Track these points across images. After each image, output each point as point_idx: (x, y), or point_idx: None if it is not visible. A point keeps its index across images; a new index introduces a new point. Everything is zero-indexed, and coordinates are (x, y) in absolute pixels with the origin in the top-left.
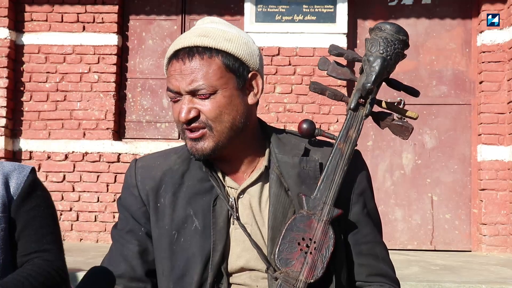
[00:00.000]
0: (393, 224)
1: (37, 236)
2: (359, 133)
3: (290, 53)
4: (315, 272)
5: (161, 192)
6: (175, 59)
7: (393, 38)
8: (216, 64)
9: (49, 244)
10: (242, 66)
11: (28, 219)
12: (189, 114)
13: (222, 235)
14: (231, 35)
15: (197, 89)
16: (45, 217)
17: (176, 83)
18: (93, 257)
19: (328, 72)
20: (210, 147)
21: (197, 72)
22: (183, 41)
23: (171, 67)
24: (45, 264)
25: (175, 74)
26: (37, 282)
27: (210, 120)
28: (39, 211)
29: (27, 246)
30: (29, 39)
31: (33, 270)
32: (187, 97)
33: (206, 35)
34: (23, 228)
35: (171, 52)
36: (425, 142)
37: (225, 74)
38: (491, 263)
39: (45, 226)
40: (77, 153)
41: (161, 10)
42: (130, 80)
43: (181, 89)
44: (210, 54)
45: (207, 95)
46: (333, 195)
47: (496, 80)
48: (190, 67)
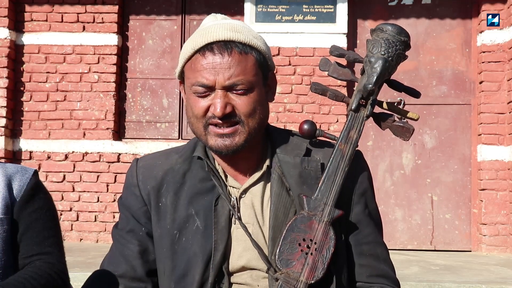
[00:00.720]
0: (393, 224)
1: (38, 238)
2: (360, 134)
3: (290, 53)
4: (315, 273)
5: (162, 192)
6: (209, 51)
7: (395, 39)
8: (251, 60)
9: (50, 246)
10: (267, 65)
11: (30, 222)
12: (225, 109)
13: (224, 235)
14: (255, 33)
15: (236, 84)
16: (47, 220)
17: (212, 77)
18: (93, 257)
19: (329, 73)
20: (241, 142)
21: (235, 67)
22: (216, 35)
23: (204, 59)
24: (46, 267)
25: (209, 68)
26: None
27: (244, 116)
28: (41, 214)
29: (28, 248)
30: (29, 39)
31: (34, 272)
32: (221, 92)
33: (238, 30)
34: (25, 230)
35: (202, 44)
36: (425, 142)
37: (258, 71)
38: (491, 263)
39: (46, 229)
40: (77, 153)
41: (161, 10)
42: (130, 80)
43: (217, 83)
44: (246, 50)
45: (244, 90)
46: (334, 196)
47: (496, 80)
48: (229, 61)
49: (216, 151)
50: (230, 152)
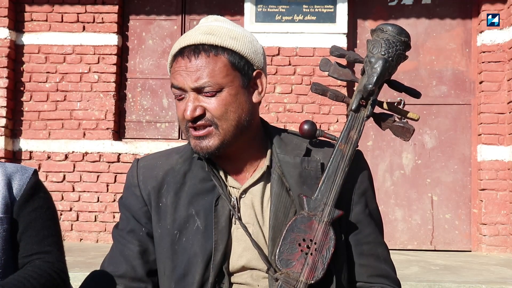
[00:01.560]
0: (393, 224)
1: (38, 237)
2: (360, 134)
3: (290, 53)
4: (315, 273)
5: (163, 192)
6: (180, 56)
7: (395, 39)
8: (222, 62)
9: (50, 246)
10: (247, 65)
11: (30, 221)
12: (195, 112)
13: (224, 235)
14: (236, 33)
15: (203, 86)
16: (46, 219)
17: (181, 79)
18: (93, 257)
19: (329, 73)
20: (216, 145)
21: (203, 70)
22: (189, 39)
23: (176, 64)
24: (46, 266)
25: (180, 71)
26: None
27: (215, 118)
28: (40, 213)
29: (28, 248)
30: (29, 39)
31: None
32: (193, 95)
33: (212, 33)
34: (24, 230)
35: (176, 50)
36: (425, 142)
37: (231, 72)
38: (491, 263)
39: (46, 228)
40: (77, 153)
41: (161, 10)
42: (130, 80)
43: (186, 86)
44: (216, 52)
45: (213, 92)
46: (334, 196)
47: (496, 80)
48: (196, 64)
49: (195, 153)
50: (206, 154)
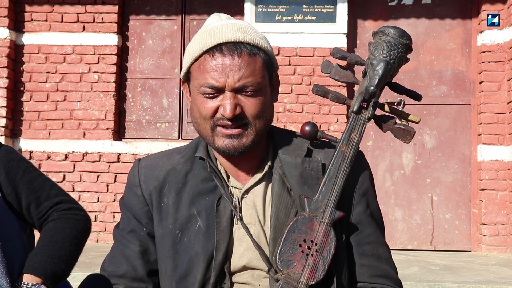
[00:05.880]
0: (393, 224)
1: (43, 195)
2: (361, 136)
3: (290, 53)
4: (316, 274)
5: (164, 192)
6: (219, 52)
7: (397, 42)
8: (260, 61)
9: (57, 196)
10: (272, 65)
11: (28, 185)
12: (235, 111)
13: (226, 235)
14: (260, 33)
15: (246, 85)
16: (38, 175)
17: (222, 78)
18: (93, 257)
19: (331, 75)
20: (249, 143)
21: (245, 68)
22: (225, 35)
23: (213, 60)
24: (65, 214)
25: (219, 69)
26: (66, 233)
27: (252, 117)
28: (31, 174)
29: (40, 209)
30: (29, 39)
31: (56, 226)
32: (230, 94)
33: (245, 31)
34: (28, 195)
35: (211, 45)
36: (425, 142)
37: (265, 73)
38: (491, 263)
39: (44, 182)
40: (77, 153)
41: (161, 10)
42: (130, 80)
43: (227, 85)
44: (255, 51)
45: (253, 92)
46: (335, 197)
47: (496, 80)
48: (239, 62)
49: (223, 151)
50: (237, 153)
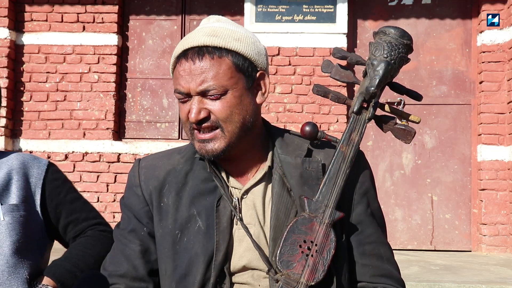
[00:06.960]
0: (393, 224)
1: (83, 216)
2: (361, 136)
3: (290, 53)
4: (316, 275)
5: (164, 192)
6: (184, 58)
7: (397, 42)
8: (226, 64)
9: (95, 218)
10: (250, 66)
11: (70, 204)
12: (200, 115)
13: (225, 235)
14: (240, 34)
15: (208, 89)
16: (79, 197)
17: (186, 84)
18: None
19: (331, 75)
20: (221, 147)
21: (207, 72)
22: (192, 41)
23: (180, 67)
24: (99, 235)
25: (184, 75)
26: (96, 252)
27: (221, 120)
28: (74, 194)
29: (78, 228)
30: (29, 39)
31: (88, 242)
32: (197, 98)
33: (215, 34)
34: (68, 215)
35: (179, 52)
36: (425, 142)
37: (235, 74)
38: (491, 263)
39: (85, 204)
40: (77, 153)
41: (161, 10)
42: (130, 80)
43: (191, 90)
44: (220, 54)
45: (217, 95)
46: (335, 198)
47: (496, 80)
48: (200, 67)
49: (200, 155)
50: (211, 157)
